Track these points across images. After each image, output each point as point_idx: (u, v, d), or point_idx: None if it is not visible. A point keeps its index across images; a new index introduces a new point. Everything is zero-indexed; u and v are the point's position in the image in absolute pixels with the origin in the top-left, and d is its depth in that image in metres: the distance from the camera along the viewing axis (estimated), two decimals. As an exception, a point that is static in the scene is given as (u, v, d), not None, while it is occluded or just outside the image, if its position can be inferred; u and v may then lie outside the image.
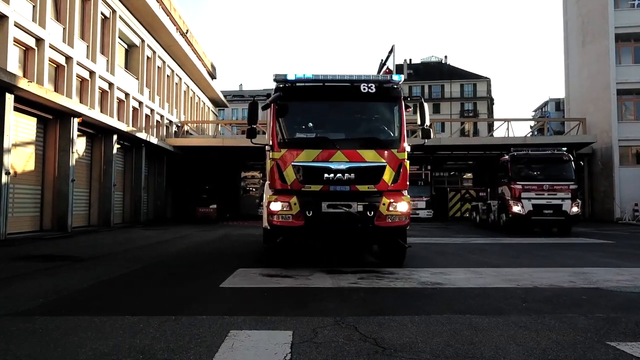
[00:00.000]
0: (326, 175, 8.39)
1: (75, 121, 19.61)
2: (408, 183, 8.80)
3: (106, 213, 23.13)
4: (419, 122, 8.88)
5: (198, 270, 8.88)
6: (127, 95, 26.05)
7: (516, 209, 19.38)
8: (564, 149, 20.71)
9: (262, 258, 9.77)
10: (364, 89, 8.62)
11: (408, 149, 8.79)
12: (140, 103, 28.07)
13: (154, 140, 28.23)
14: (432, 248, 12.88)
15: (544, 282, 7.39)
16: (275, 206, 8.45)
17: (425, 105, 8.94)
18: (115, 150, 23.87)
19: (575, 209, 19.18)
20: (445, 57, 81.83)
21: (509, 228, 19.92)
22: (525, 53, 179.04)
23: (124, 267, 9.10)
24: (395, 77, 8.87)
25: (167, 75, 33.55)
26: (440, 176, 46.07)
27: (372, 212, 8.41)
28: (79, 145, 21.53)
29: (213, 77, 48.48)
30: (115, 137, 23.65)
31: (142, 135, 26.70)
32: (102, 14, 23.35)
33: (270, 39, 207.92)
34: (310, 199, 8.40)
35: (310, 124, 9.07)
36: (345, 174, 8.38)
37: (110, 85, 23.96)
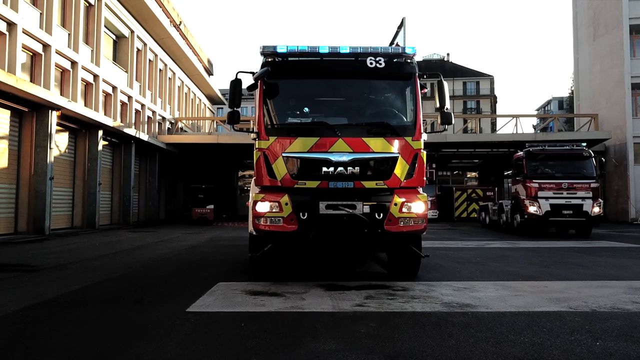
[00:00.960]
0: (325, 168, 6.85)
1: (54, 114, 18.07)
2: (425, 179, 7.23)
3: (91, 214, 21.59)
4: (437, 104, 7.31)
5: (169, 285, 7.33)
6: (114, 88, 24.48)
7: (532, 209, 17.83)
8: (584, 144, 19.13)
9: (249, 267, 8.19)
10: (371, 63, 7.05)
11: (425, 137, 7.23)
12: (130, 97, 26.50)
13: (144, 136, 26.67)
14: (445, 254, 11.32)
15: (600, 303, 5.82)
16: (262, 207, 6.89)
17: (445, 84, 7.37)
18: (100, 147, 22.32)
19: (597, 209, 17.63)
20: (448, 54, 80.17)
21: (523, 230, 18.41)
22: (527, 51, 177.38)
23: (82, 280, 7.55)
24: (409, 50, 7.29)
25: (160, 70, 31.99)
26: (444, 175, 44.60)
27: (382, 215, 6.86)
28: (60, 140, 20.00)
29: (210, 73, 46.90)
30: (100, 132, 22.12)
31: (130, 131, 25.14)
32: (85, 1, 21.80)
33: (270, 38, 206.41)
34: (306, 198, 6.86)
35: (305, 107, 7.51)
36: (348, 168, 6.84)
37: (95, 77, 22.40)
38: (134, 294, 6.62)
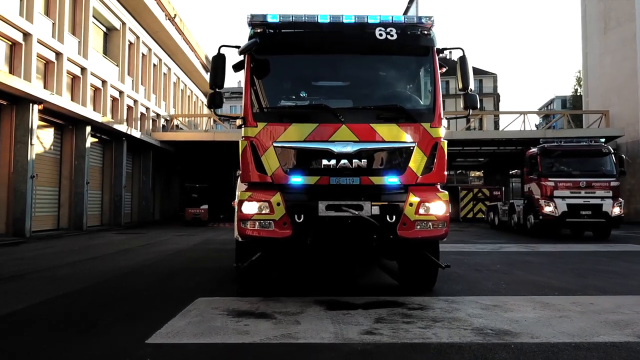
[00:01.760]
0: (325, 161, 5.65)
1: (36, 108, 16.87)
2: (446, 173, 6.02)
3: (78, 215, 20.40)
4: (460, 84, 6.09)
5: (139, 301, 6.13)
6: (104, 82, 23.26)
7: (548, 209, 16.61)
8: (602, 139, 17.91)
9: (237, 278, 6.97)
10: (381, 34, 5.85)
11: (445, 123, 6.02)
12: (121, 92, 25.28)
13: (136, 133, 25.48)
14: (459, 259, 10.11)
15: (672, 329, 4.61)
16: (250, 208, 5.69)
17: (469, 60, 6.15)
18: (89, 144, 21.14)
19: (617, 210, 16.40)
20: (450, 52, 78.98)
21: (537, 232, 17.20)
22: (529, 50, 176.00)
23: (35, 295, 6.36)
24: (426, 19, 6.06)
25: (154, 64, 30.79)
26: (448, 174, 43.31)
27: (394, 217, 5.65)
28: (44, 136, 18.82)
29: (208, 70, 45.71)
30: (88, 128, 20.93)
31: (122, 127, 23.95)
32: (72, -11, 20.61)
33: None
34: (302, 197, 5.67)
35: (302, 87, 6.30)
36: (354, 160, 5.64)
37: (83, 70, 21.18)
38: (91, 314, 5.41)
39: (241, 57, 6.08)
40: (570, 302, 5.83)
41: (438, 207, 5.77)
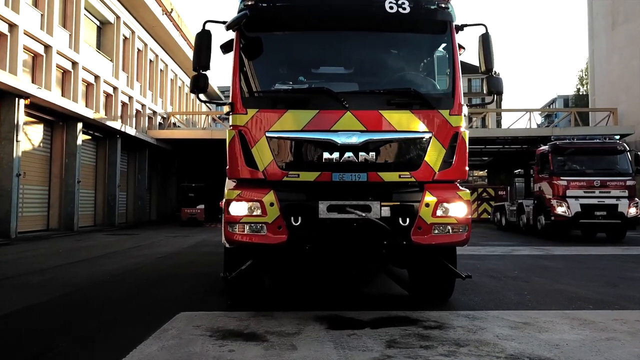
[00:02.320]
0: (327, 154, 4.83)
1: (22, 103, 16.07)
2: (467, 168, 5.19)
3: (68, 215, 19.57)
4: (482, 66, 5.27)
5: (110, 316, 5.31)
6: (97, 78, 22.42)
7: (560, 210, 15.76)
8: (617, 136, 17.08)
9: (226, 288, 6.14)
10: (391, 7, 5.02)
11: (466, 110, 5.20)
12: (115, 89, 24.43)
13: (131, 130, 24.66)
14: (471, 263, 9.25)
15: None
16: (238, 209, 4.87)
17: (492, 38, 5.32)
18: (80, 141, 20.32)
19: (633, 210, 15.54)
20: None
21: (548, 233, 16.36)
22: (531, 49, 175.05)
23: (-4, 308, 5.54)
24: (444, -9, 5.24)
25: (150, 60, 29.95)
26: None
27: (407, 220, 4.83)
28: (32, 133, 18.03)
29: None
30: (80, 125, 20.12)
31: (115, 124, 23.13)
32: (62, -20, 19.79)
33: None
34: (299, 196, 4.86)
35: (300, 69, 5.46)
36: (360, 153, 4.82)
37: (74, 64, 20.33)
38: (44, 336, 4.57)
39: (230, 35, 5.28)
40: (612, 319, 5.00)
41: (459, 208, 4.95)
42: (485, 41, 5.25)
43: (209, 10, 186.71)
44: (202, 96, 5.46)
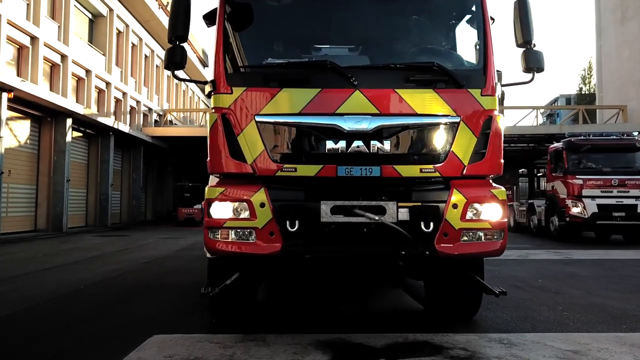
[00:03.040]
0: (331, 143, 3.91)
1: (5, 96, 15.15)
2: (502, 161, 4.26)
3: (57, 215, 18.67)
4: (519, 38, 4.35)
5: (65, 344, 4.38)
6: (88, 72, 21.48)
7: (576, 210, 14.87)
8: (635, 133, 16.15)
9: (211, 304, 5.20)
10: (410, -36, 4.09)
11: (499, 91, 4.27)
12: (108, 84, 23.49)
13: (124, 127, 23.76)
14: (490, 271, 7.97)
15: None
16: (221, 210, 3.95)
17: (530, 5, 4.40)
18: (70, 138, 19.40)
19: (653, 211, 14.62)
20: (454, 48, 77.21)
21: (562, 235, 15.46)
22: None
23: None
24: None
25: (146, 56, 29.05)
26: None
27: (431, 224, 3.90)
28: (18, 129, 17.13)
29: (205, 64, 43.89)
30: (69, 121, 19.22)
31: (108, 121, 22.21)
32: (51, -32, 18.86)
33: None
34: (297, 195, 3.93)
35: (297, 40, 4.54)
36: (372, 142, 3.90)
37: (64, 57, 19.39)
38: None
39: (214, 3, 4.36)
40: (680, 346, 4.08)
41: (493, 210, 4.03)
42: (522, 8, 4.35)
43: (208, 3, 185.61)
44: (181, 74, 4.53)
